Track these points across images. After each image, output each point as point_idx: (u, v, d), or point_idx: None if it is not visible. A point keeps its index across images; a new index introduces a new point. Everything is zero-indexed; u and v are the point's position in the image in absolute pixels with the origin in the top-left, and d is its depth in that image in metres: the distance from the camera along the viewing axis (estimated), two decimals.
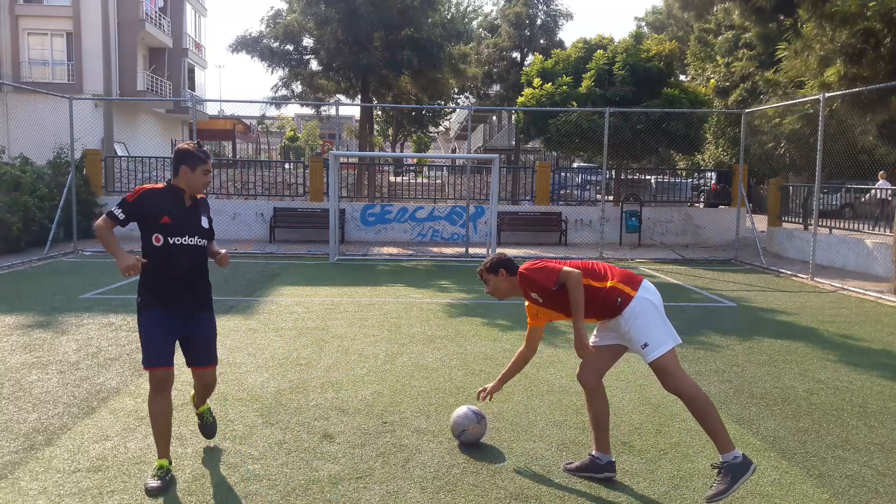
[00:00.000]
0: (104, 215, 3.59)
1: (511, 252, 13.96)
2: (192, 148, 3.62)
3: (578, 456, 3.93)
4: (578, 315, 3.40)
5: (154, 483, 3.44)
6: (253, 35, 19.16)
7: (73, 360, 5.71)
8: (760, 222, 16.80)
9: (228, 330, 6.85)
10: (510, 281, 3.65)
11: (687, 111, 15.39)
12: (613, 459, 3.70)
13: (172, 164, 3.67)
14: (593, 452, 3.71)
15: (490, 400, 4.13)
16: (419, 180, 21.05)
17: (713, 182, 22.00)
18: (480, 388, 4.10)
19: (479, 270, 3.76)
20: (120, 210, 3.52)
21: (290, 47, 19.56)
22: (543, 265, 3.55)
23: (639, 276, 3.62)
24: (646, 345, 3.38)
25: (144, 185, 3.68)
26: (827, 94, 10.28)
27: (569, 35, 53.78)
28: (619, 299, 3.45)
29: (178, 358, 3.70)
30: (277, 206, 15.62)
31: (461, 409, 4.08)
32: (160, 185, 3.67)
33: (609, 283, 3.48)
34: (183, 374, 5.36)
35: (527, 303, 3.78)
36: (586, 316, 3.47)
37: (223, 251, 3.83)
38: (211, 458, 3.86)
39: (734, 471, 3.23)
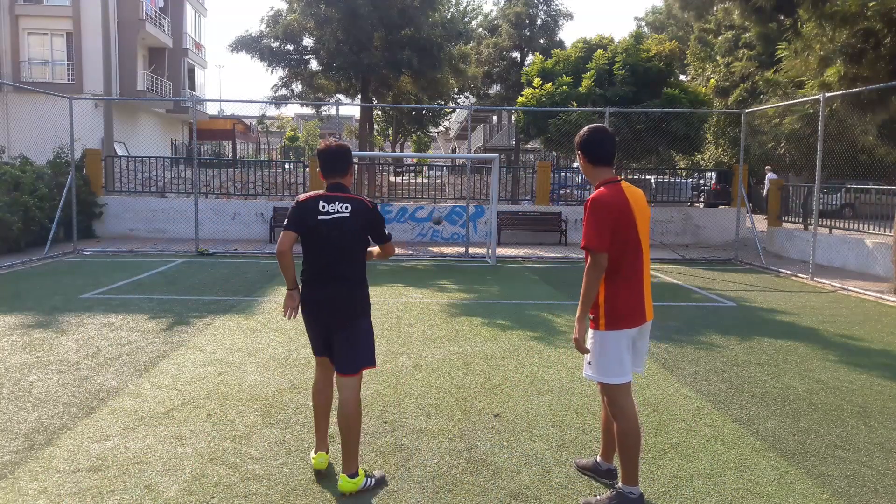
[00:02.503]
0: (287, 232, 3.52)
1: (511, 252, 13.97)
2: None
3: (578, 455, 3.93)
4: (582, 306, 3.21)
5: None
6: (253, 35, 19.15)
7: (73, 360, 5.71)
8: (760, 222, 16.80)
9: (228, 330, 6.85)
10: (588, 168, 3.42)
11: (687, 111, 15.39)
12: (614, 467, 3.58)
13: (345, 164, 3.69)
14: (598, 459, 3.69)
15: None
16: (419, 180, 21.05)
17: (713, 182, 21.99)
18: None
19: (576, 144, 3.53)
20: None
21: (290, 47, 19.55)
22: (593, 222, 3.20)
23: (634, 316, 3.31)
24: (589, 363, 3.35)
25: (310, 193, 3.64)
26: (827, 94, 10.28)
27: (569, 35, 53.82)
28: (594, 317, 3.31)
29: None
30: (277, 206, 15.62)
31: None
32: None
33: (602, 299, 3.27)
34: (183, 374, 5.37)
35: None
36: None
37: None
38: (211, 458, 3.86)
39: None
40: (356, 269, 3.59)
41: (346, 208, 3.53)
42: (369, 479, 3.55)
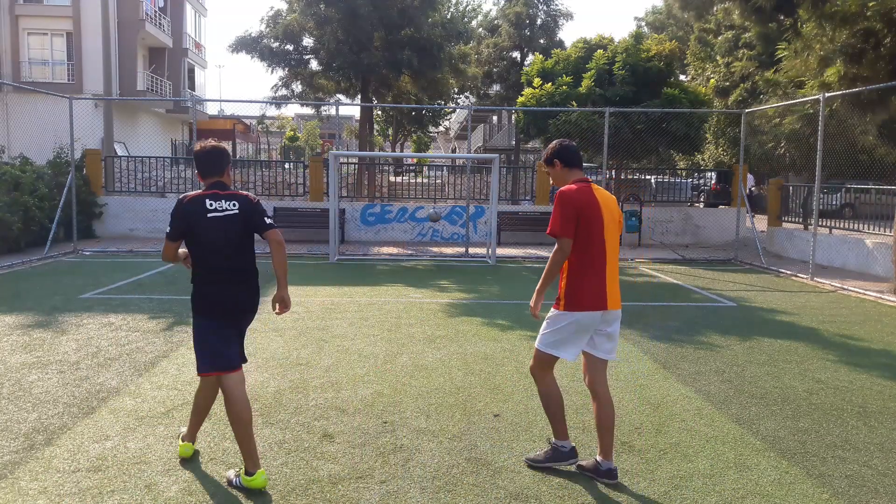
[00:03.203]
0: None
1: (511, 252, 13.96)
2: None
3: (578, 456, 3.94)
4: (542, 281, 3.68)
5: None
6: (253, 35, 19.16)
7: (73, 360, 5.71)
8: (760, 222, 16.80)
9: None
10: (566, 173, 3.73)
11: (687, 111, 15.39)
12: (614, 466, 3.66)
13: (224, 163, 3.84)
14: (598, 458, 3.71)
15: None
16: (419, 180, 21.05)
17: (713, 182, 21.98)
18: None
19: (544, 159, 3.83)
20: None
21: (290, 47, 19.56)
22: (560, 211, 3.54)
23: (593, 296, 3.57)
24: (542, 333, 3.72)
25: None
26: (827, 94, 10.28)
27: (569, 35, 53.77)
28: (559, 297, 3.65)
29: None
30: (277, 206, 15.62)
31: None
32: None
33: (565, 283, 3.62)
34: (183, 374, 5.37)
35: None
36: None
37: None
38: (211, 458, 3.86)
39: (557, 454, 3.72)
40: (250, 261, 3.74)
41: (235, 205, 3.65)
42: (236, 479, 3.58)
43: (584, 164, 23.72)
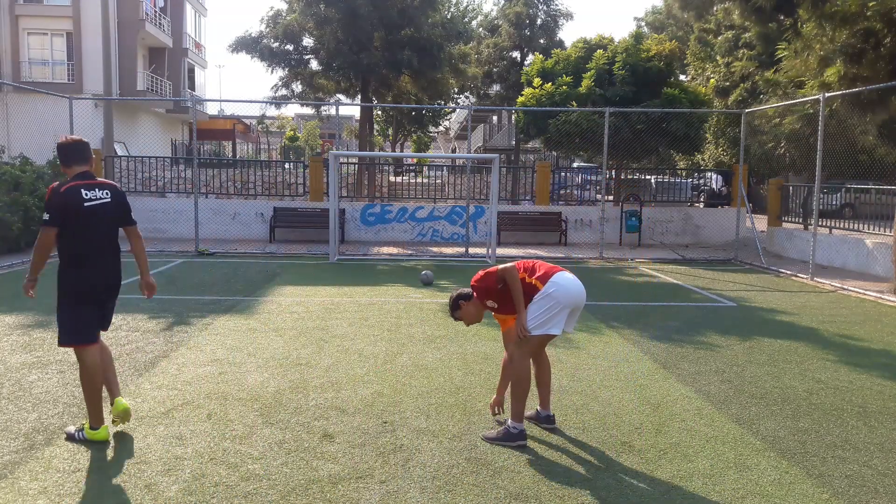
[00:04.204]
0: None
1: (511, 252, 13.96)
2: None
3: (578, 457, 3.93)
4: (518, 300, 4.07)
5: None
6: (253, 35, 19.16)
7: (73, 360, 5.69)
8: (760, 222, 16.80)
9: (228, 330, 6.86)
10: (471, 304, 4.28)
11: (687, 111, 15.39)
12: (552, 413, 4.40)
13: (89, 152, 4.28)
14: (538, 409, 4.37)
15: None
16: (419, 180, 21.05)
17: (721, 185, 21.97)
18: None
19: (451, 315, 4.39)
20: None
21: (290, 47, 19.56)
22: (485, 273, 4.20)
23: (556, 271, 4.17)
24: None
25: None
26: (827, 94, 10.28)
27: (569, 35, 53.80)
28: (533, 292, 4.14)
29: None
30: (277, 206, 15.62)
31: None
32: None
33: (532, 280, 4.12)
34: (183, 374, 5.37)
35: (493, 315, 4.42)
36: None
37: None
38: (211, 458, 3.86)
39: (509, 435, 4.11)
40: (116, 244, 4.12)
41: (107, 194, 4.06)
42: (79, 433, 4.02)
43: (585, 165, 23.70)
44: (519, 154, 30.72)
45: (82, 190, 3.95)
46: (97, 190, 4.02)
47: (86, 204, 3.93)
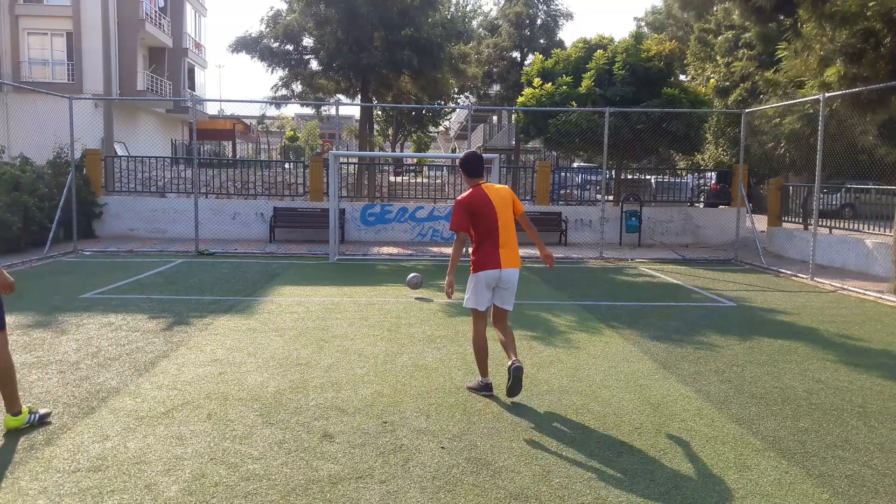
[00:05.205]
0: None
1: None
2: None
3: (578, 457, 3.93)
4: (451, 265, 4.98)
5: None
6: (253, 35, 19.16)
7: (73, 360, 5.71)
8: (760, 222, 16.80)
9: (228, 330, 6.86)
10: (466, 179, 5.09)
11: (687, 111, 15.39)
12: (520, 364, 4.72)
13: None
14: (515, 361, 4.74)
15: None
16: (419, 180, 21.05)
17: (713, 182, 21.98)
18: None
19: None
20: None
21: (290, 47, 19.56)
22: (456, 211, 4.91)
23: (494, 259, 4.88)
24: (466, 297, 5.04)
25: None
26: (827, 94, 10.28)
27: (569, 35, 53.90)
28: (470, 265, 4.99)
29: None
30: (277, 206, 15.62)
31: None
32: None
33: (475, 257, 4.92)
34: (183, 374, 5.37)
35: None
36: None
37: None
38: (211, 458, 3.86)
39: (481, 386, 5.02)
40: None
41: None
42: (33, 416, 4.21)
43: (585, 165, 23.69)
44: (519, 154, 30.74)
45: None
46: None
47: None
